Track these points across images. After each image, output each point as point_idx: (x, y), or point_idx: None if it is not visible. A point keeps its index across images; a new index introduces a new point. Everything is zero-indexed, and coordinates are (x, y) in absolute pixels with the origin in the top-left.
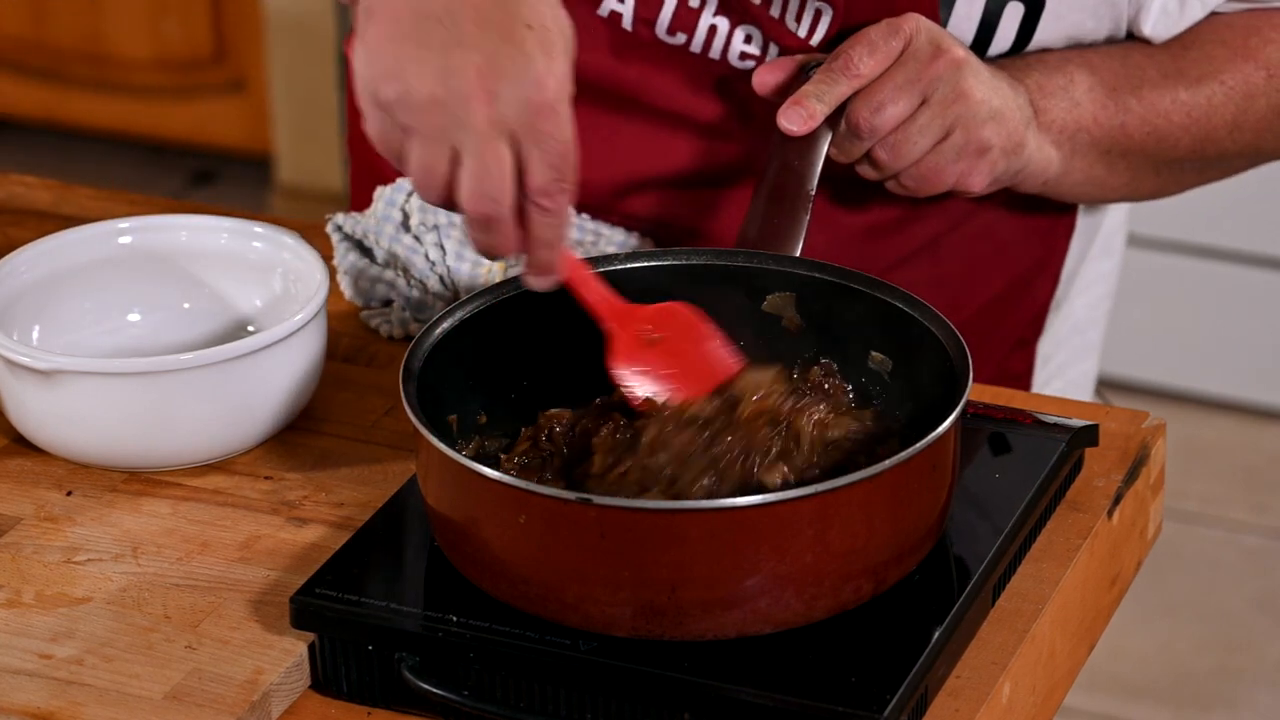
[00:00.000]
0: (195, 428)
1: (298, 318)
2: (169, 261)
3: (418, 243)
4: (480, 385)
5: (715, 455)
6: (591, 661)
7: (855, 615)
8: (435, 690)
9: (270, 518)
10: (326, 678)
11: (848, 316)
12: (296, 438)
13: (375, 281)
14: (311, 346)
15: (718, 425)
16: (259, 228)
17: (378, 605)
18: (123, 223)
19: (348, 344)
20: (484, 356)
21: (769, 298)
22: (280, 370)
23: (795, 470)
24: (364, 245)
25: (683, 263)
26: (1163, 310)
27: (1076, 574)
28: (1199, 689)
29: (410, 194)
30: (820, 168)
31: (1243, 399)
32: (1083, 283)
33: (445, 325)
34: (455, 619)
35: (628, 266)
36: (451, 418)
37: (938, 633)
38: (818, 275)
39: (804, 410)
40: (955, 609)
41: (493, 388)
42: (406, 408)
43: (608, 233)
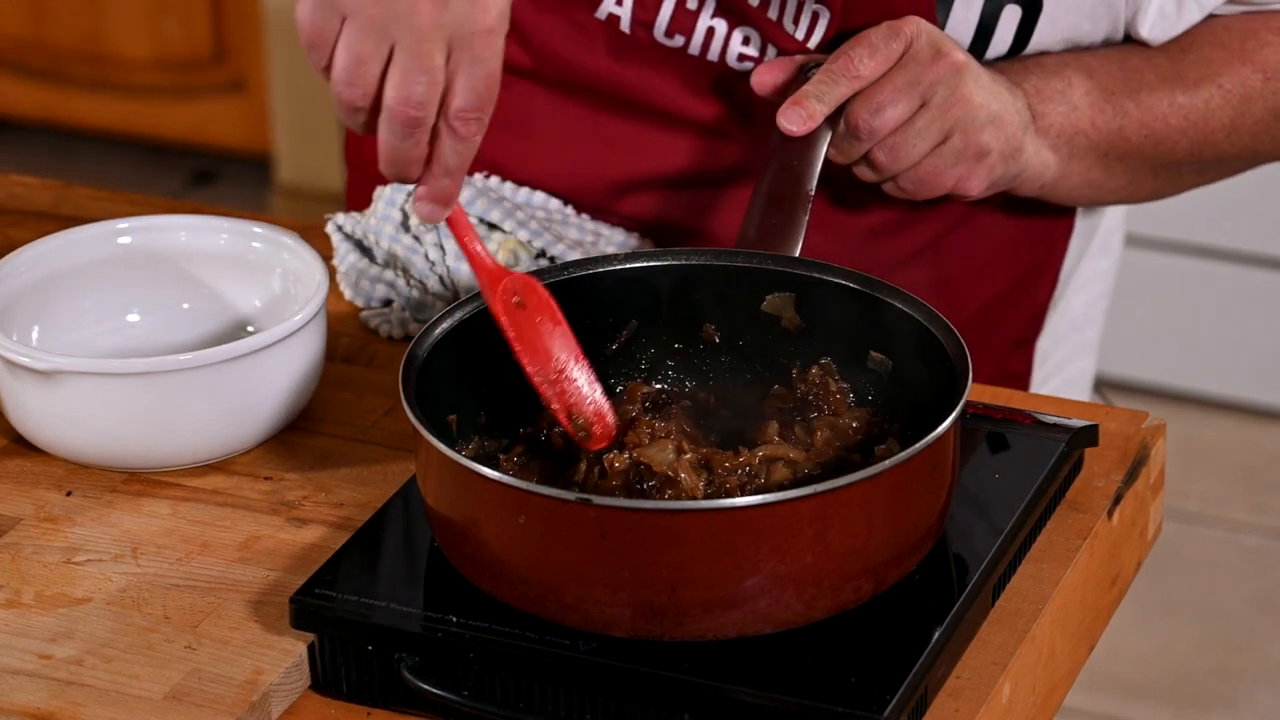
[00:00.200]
0: (195, 428)
1: (297, 318)
2: (169, 262)
3: (417, 243)
4: (480, 385)
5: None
6: (591, 662)
7: (855, 615)
8: (435, 690)
9: (270, 518)
10: (326, 678)
11: (847, 317)
12: (296, 438)
13: (375, 281)
14: (311, 347)
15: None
16: (258, 228)
17: (377, 605)
18: (122, 223)
19: (347, 344)
20: (484, 357)
21: (768, 298)
22: (280, 370)
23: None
24: (364, 245)
25: (682, 263)
26: (1162, 310)
27: (1076, 574)
28: (1199, 689)
29: (410, 194)
30: (819, 168)
31: (1242, 399)
32: (1080, 281)
33: (445, 325)
34: (455, 619)
35: (627, 266)
36: (451, 418)
37: (938, 633)
38: (817, 275)
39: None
40: (955, 609)
41: (492, 388)
42: (406, 408)
43: (607, 233)
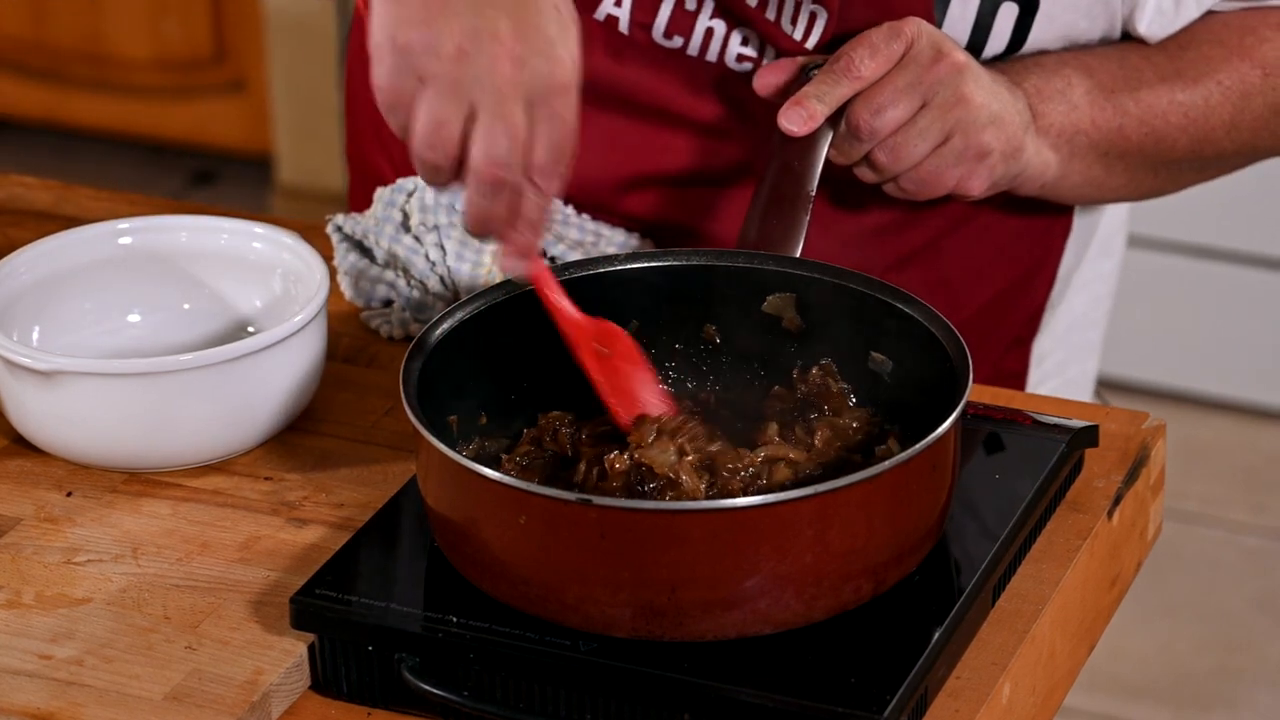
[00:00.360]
0: (195, 428)
1: (298, 318)
2: (169, 262)
3: (418, 243)
4: (481, 386)
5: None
6: (591, 662)
7: (855, 616)
8: (435, 691)
9: (270, 518)
10: (326, 678)
11: (847, 317)
12: (296, 438)
13: (375, 282)
14: (311, 347)
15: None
16: (259, 228)
17: (378, 606)
18: (123, 223)
19: (348, 344)
20: (484, 357)
21: (769, 298)
22: (280, 371)
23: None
24: (364, 246)
25: (682, 263)
26: (1162, 310)
27: (1076, 575)
28: (1199, 689)
29: (410, 195)
30: (820, 169)
31: (1242, 399)
32: (1080, 282)
33: (446, 326)
34: (455, 620)
35: (628, 267)
36: (452, 418)
37: (938, 633)
38: (818, 276)
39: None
40: (955, 609)
41: (493, 388)
42: (406, 408)
43: (608, 233)
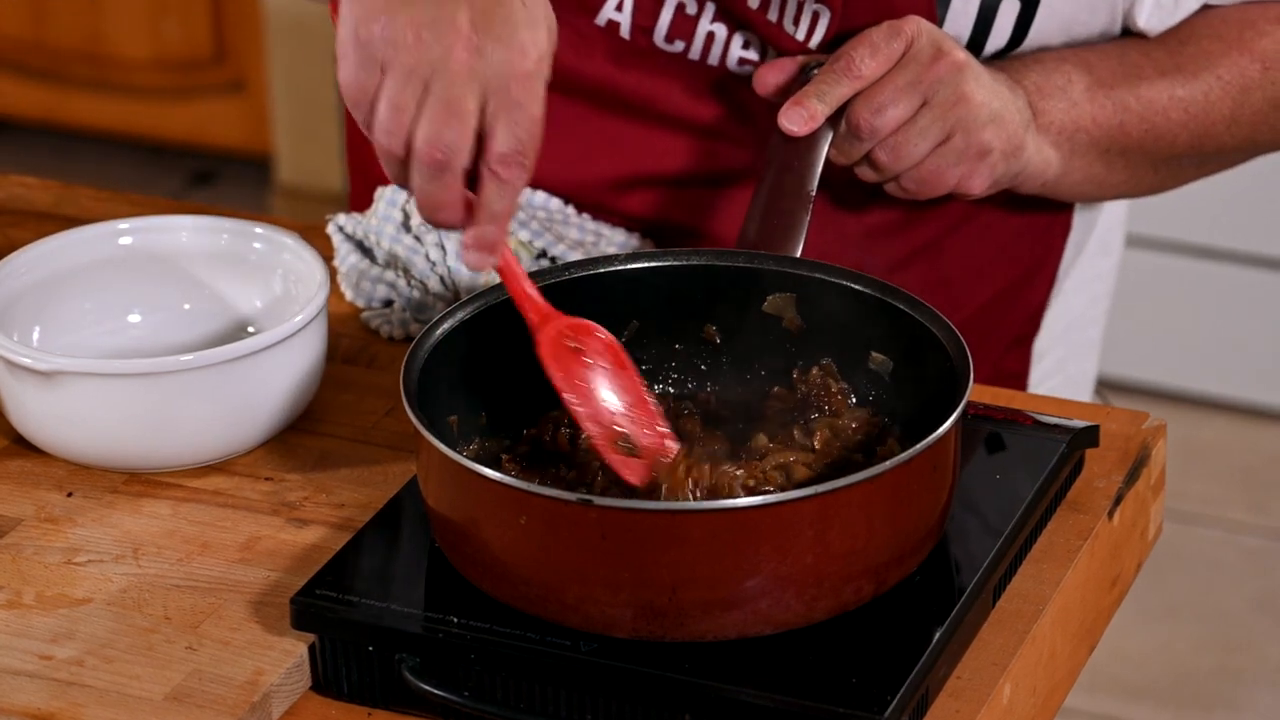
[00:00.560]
0: (196, 429)
1: (298, 319)
2: (169, 262)
3: (418, 243)
4: (481, 386)
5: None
6: (592, 662)
7: (856, 616)
8: (436, 691)
9: (271, 519)
10: (327, 679)
11: (848, 317)
12: (297, 439)
13: (376, 282)
14: (312, 347)
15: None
16: (259, 228)
17: (378, 606)
18: (123, 223)
19: (348, 345)
20: (485, 357)
21: (769, 298)
22: (281, 371)
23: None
24: (364, 246)
25: (683, 263)
26: (1162, 310)
27: (1077, 575)
28: (1199, 690)
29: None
30: (820, 168)
31: (1242, 399)
32: (1079, 280)
33: (446, 326)
34: (456, 620)
35: (628, 267)
36: (452, 419)
37: (938, 634)
38: (818, 276)
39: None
40: (956, 610)
41: (493, 389)
42: (407, 408)
43: (608, 233)
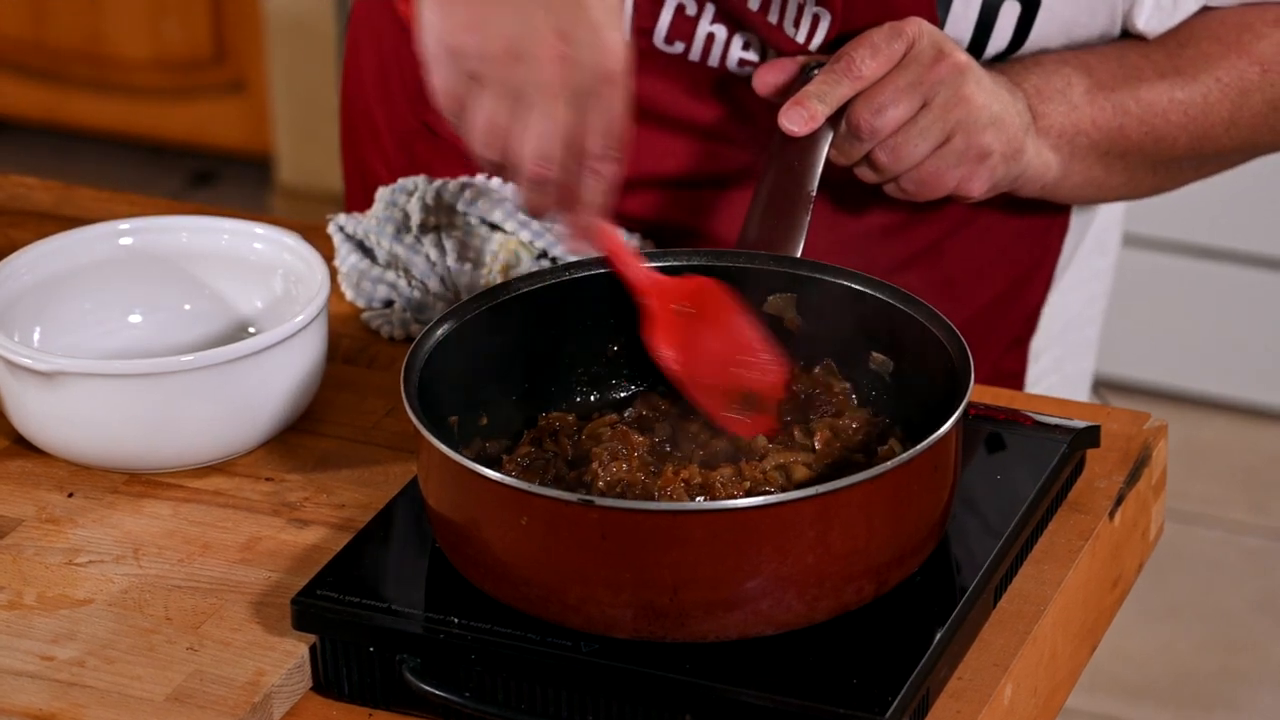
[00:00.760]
0: (196, 429)
1: (299, 319)
2: (170, 263)
3: (419, 243)
4: (481, 387)
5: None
6: (593, 663)
7: (857, 616)
8: (436, 692)
9: (271, 519)
10: (328, 679)
11: (848, 317)
12: (297, 439)
13: (376, 282)
14: (312, 348)
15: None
16: (260, 229)
17: (379, 607)
18: (123, 224)
19: (349, 345)
20: (485, 358)
21: (770, 299)
22: (281, 371)
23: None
24: (365, 246)
25: (683, 263)
26: (1162, 310)
27: (1078, 575)
28: (1200, 690)
29: (411, 194)
30: (820, 169)
31: (1242, 399)
32: (1076, 279)
33: (446, 326)
34: (456, 620)
35: None
36: (452, 419)
37: (939, 634)
38: (818, 276)
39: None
40: (957, 610)
41: (494, 389)
42: (407, 409)
43: None
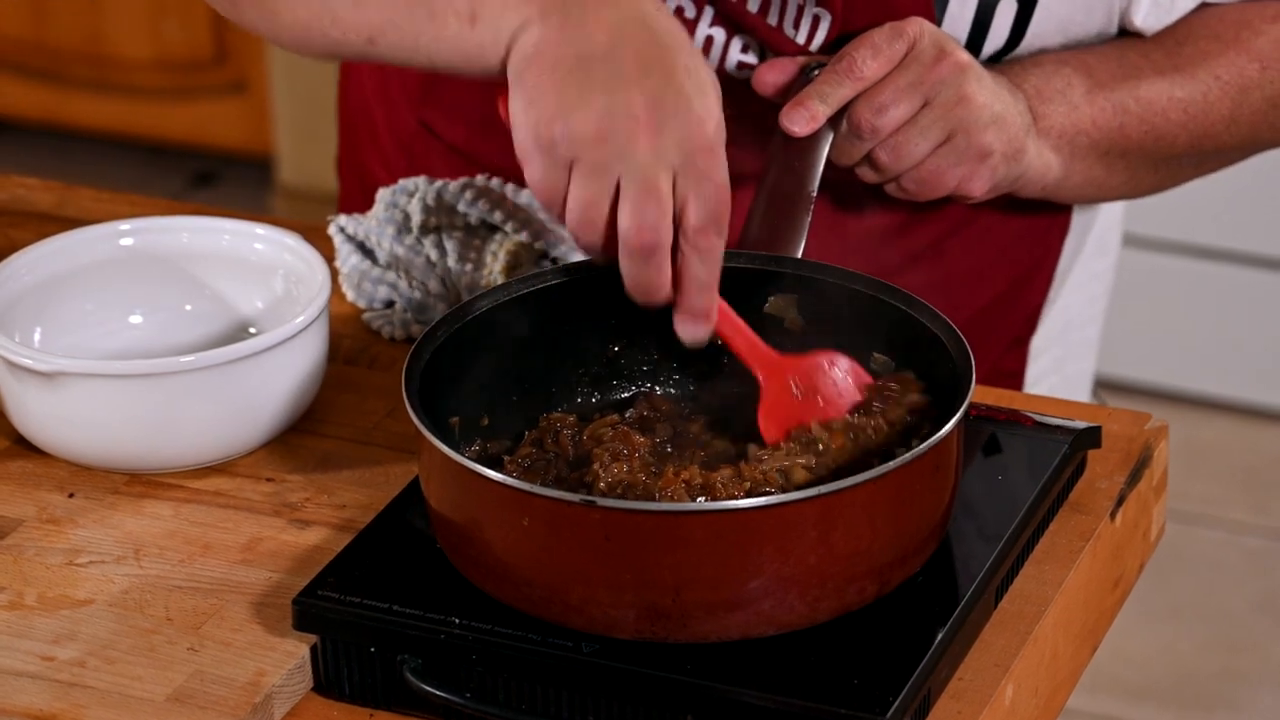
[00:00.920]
0: (197, 430)
1: (299, 320)
2: (170, 263)
3: (419, 244)
4: (482, 387)
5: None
6: (594, 664)
7: (858, 617)
8: (437, 692)
9: (272, 520)
10: (329, 680)
11: (849, 318)
12: (298, 440)
13: (377, 283)
14: (313, 348)
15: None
16: (261, 229)
17: (380, 607)
18: (124, 224)
19: (349, 346)
20: (486, 359)
21: (771, 299)
22: (282, 372)
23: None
24: (366, 247)
25: None
26: (1162, 311)
27: (1079, 576)
28: (1201, 690)
29: (412, 195)
30: (821, 169)
31: (1242, 400)
32: (1077, 280)
33: (447, 327)
34: (457, 621)
35: None
36: (453, 420)
37: (941, 634)
38: (820, 277)
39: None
40: (958, 611)
41: (495, 390)
42: (409, 409)
43: None
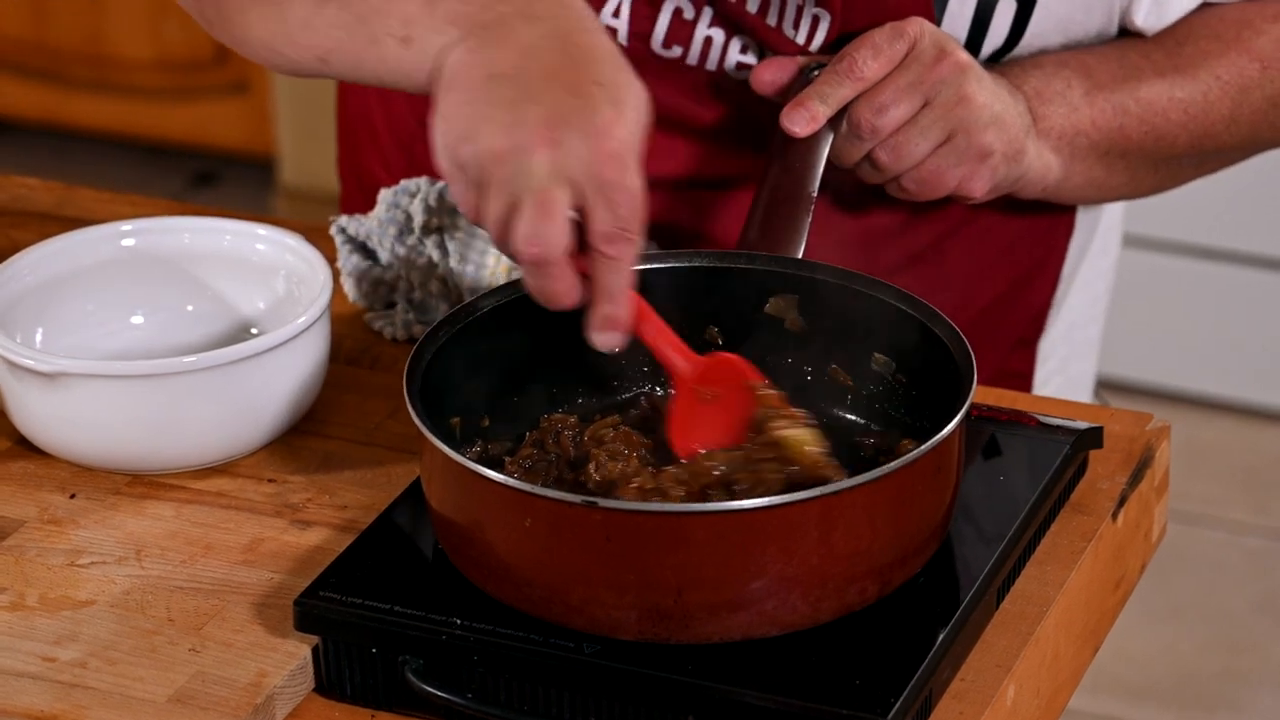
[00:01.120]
0: (199, 430)
1: (301, 320)
2: (172, 264)
3: (421, 245)
4: (484, 388)
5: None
6: (596, 664)
7: (860, 617)
8: (439, 693)
9: (274, 520)
10: (330, 681)
11: (850, 318)
12: (300, 440)
13: (379, 283)
14: (315, 349)
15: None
16: (262, 229)
17: (381, 608)
18: (126, 225)
19: (351, 346)
20: (487, 359)
21: (771, 300)
22: (284, 373)
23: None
24: (367, 247)
25: (685, 265)
26: (1163, 311)
27: (1081, 576)
28: (1202, 691)
29: (414, 196)
30: (821, 170)
31: (1243, 400)
32: (1081, 280)
33: (449, 328)
34: (459, 622)
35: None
36: (454, 420)
37: (942, 635)
38: (820, 277)
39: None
40: (960, 611)
41: (496, 391)
42: (410, 410)
43: None
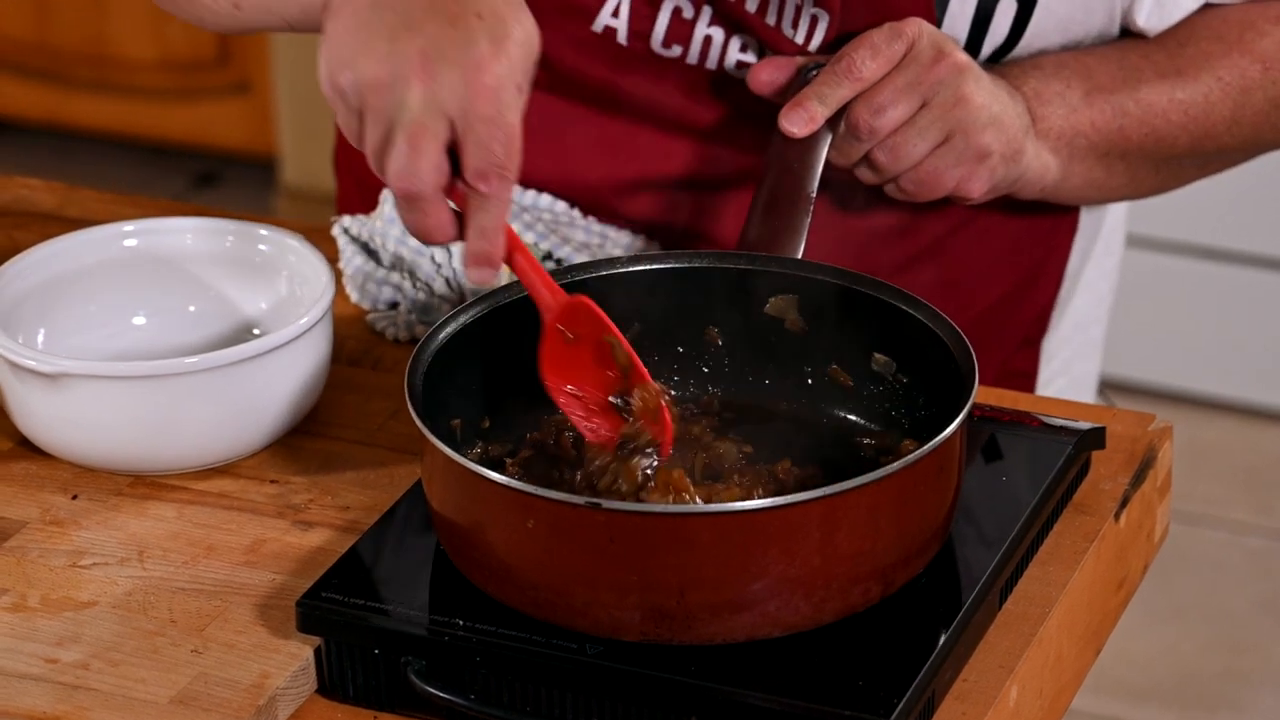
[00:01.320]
0: (201, 431)
1: (303, 321)
2: (174, 264)
3: (423, 245)
4: (485, 389)
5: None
6: (598, 665)
7: (863, 618)
8: (441, 694)
9: (276, 521)
10: (333, 682)
11: (851, 319)
12: (302, 441)
13: (381, 284)
14: (317, 350)
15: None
16: (264, 230)
17: (384, 609)
18: (128, 225)
19: (353, 347)
20: (489, 360)
21: (771, 300)
22: (286, 373)
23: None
24: (369, 248)
25: (685, 265)
26: (1165, 311)
27: (1083, 577)
28: (1204, 691)
29: None
30: (820, 170)
31: (1245, 400)
32: (1086, 281)
33: (451, 328)
34: (461, 623)
35: (630, 269)
36: (455, 421)
37: (944, 636)
38: (820, 277)
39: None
40: (962, 612)
41: (498, 392)
42: (411, 412)
43: (614, 235)
